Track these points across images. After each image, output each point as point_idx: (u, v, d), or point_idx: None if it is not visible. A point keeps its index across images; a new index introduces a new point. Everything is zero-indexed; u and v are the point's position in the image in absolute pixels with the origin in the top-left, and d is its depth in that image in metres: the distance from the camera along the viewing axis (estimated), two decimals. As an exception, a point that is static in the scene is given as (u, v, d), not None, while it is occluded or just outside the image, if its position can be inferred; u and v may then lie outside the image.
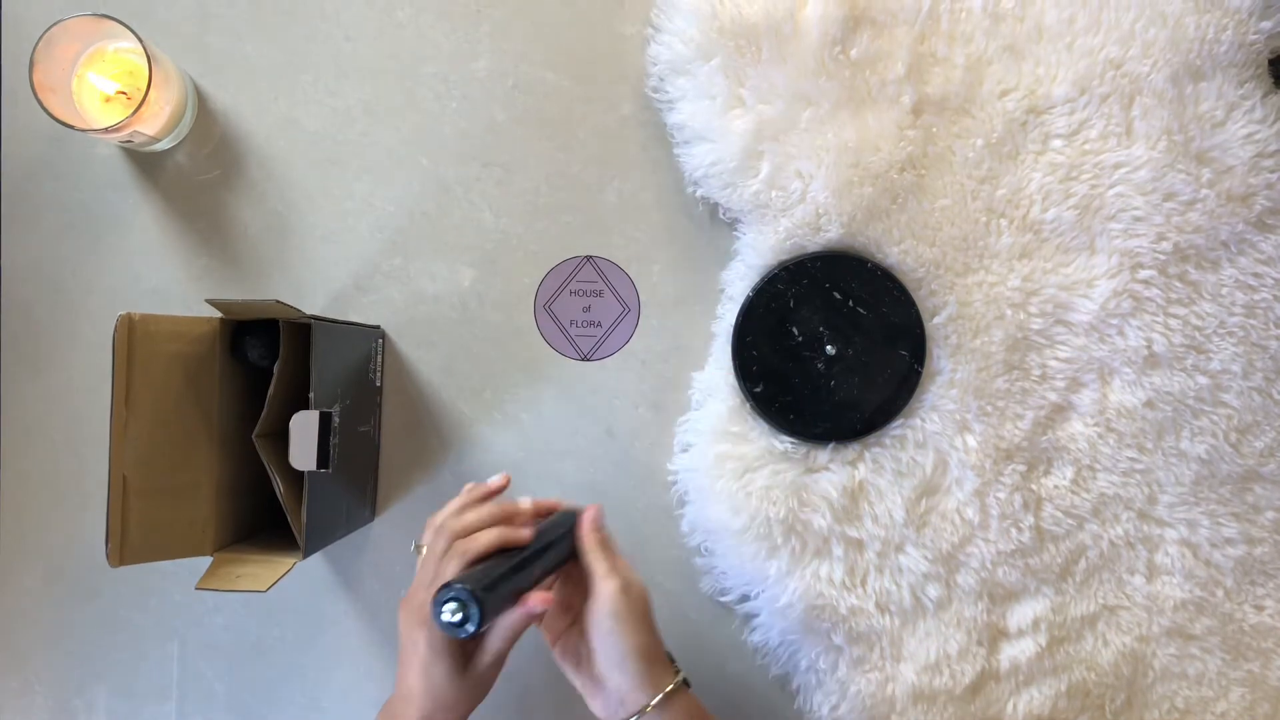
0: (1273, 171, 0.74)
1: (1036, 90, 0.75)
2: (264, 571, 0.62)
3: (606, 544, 0.63)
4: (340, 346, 0.69)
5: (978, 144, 0.75)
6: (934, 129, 0.75)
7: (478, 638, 0.58)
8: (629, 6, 0.78)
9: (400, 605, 0.60)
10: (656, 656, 0.61)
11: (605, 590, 0.60)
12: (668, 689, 0.59)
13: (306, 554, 0.64)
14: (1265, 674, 0.78)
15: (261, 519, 0.73)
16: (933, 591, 0.76)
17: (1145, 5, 0.73)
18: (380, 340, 0.77)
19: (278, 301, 0.61)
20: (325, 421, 0.62)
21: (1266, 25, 0.74)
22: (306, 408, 0.62)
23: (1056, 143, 0.75)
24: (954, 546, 0.76)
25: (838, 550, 0.76)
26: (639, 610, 0.60)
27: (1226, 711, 0.78)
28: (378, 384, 0.77)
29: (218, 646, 0.79)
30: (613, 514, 0.79)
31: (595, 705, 0.61)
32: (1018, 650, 0.77)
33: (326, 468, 0.63)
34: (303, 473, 0.63)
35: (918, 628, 0.76)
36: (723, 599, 0.79)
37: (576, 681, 0.62)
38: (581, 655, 0.61)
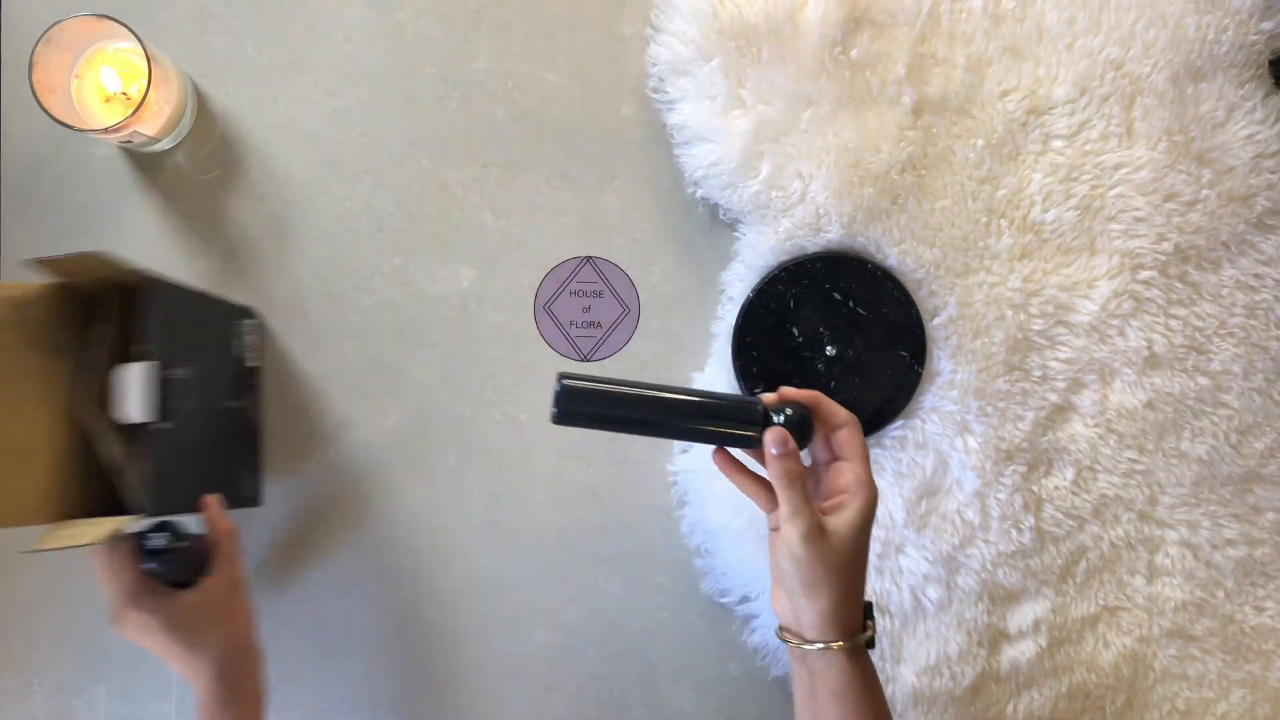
0: (1273, 172, 0.74)
1: (1037, 91, 0.75)
2: (94, 529, 0.60)
3: (795, 476, 0.56)
4: (189, 313, 0.68)
5: (978, 145, 0.75)
6: (934, 130, 0.75)
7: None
8: (629, 7, 0.78)
9: (121, 627, 0.64)
10: (841, 602, 0.57)
11: (786, 533, 0.56)
12: (832, 645, 0.56)
13: (154, 512, 0.62)
14: (1266, 675, 0.78)
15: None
16: (933, 593, 0.76)
17: (1146, 6, 0.73)
18: (253, 321, 0.77)
19: (99, 254, 0.59)
20: (161, 379, 0.62)
21: (1267, 26, 0.74)
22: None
23: (1057, 143, 0.75)
24: (954, 548, 0.76)
25: (838, 551, 0.75)
26: (828, 558, 0.56)
27: (1227, 713, 0.78)
28: (250, 364, 0.76)
29: (217, 647, 0.79)
30: (613, 515, 0.80)
31: (774, 601, 0.60)
32: (1018, 652, 0.76)
33: (161, 421, 0.62)
34: (144, 433, 0.62)
35: (918, 629, 0.76)
36: (723, 600, 0.79)
37: (772, 570, 0.61)
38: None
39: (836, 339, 0.76)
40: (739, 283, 0.77)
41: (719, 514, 0.76)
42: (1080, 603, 0.77)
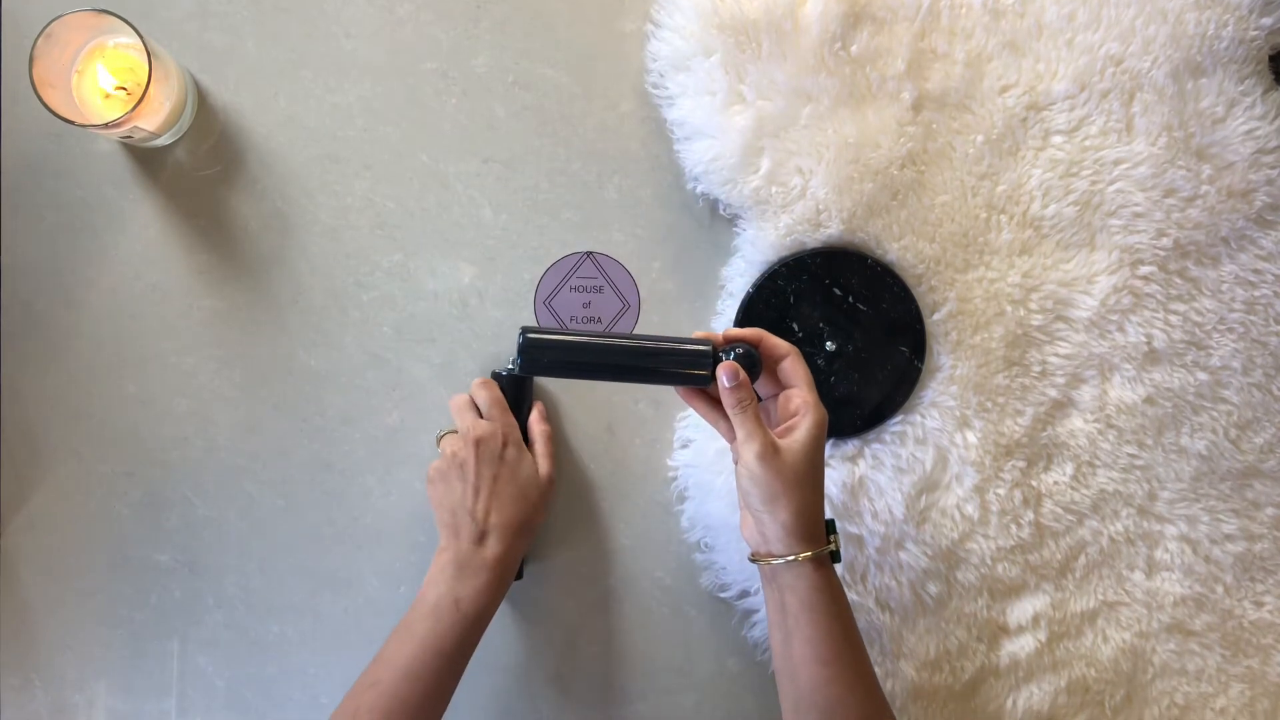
0: (1273, 168, 0.74)
1: (1037, 86, 0.75)
2: None
3: (748, 404, 0.61)
4: None
5: (978, 140, 0.75)
6: (934, 125, 0.75)
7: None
8: (629, 2, 0.78)
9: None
10: (801, 514, 0.61)
11: (743, 454, 0.61)
12: (799, 556, 0.61)
13: None
14: (1265, 670, 0.78)
15: None
16: (933, 588, 0.76)
17: (1146, 1, 0.73)
18: None
19: None
20: None
21: (1267, 21, 0.74)
22: None
23: (1057, 139, 0.75)
24: (954, 543, 0.76)
25: (838, 546, 0.76)
26: (784, 473, 0.60)
27: (1226, 707, 0.78)
28: None
29: (217, 643, 0.79)
30: (613, 510, 0.80)
31: (744, 529, 0.65)
32: (1018, 647, 0.77)
33: None
34: None
35: (917, 624, 0.76)
36: (722, 595, 0.79)
37: (739, 501, 0.65)
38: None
39: (836, 334, 0.76)
40: (739, 278, 0.77)
41: (719, 509, 0.76)
42: (1079, 598, 0.77)
